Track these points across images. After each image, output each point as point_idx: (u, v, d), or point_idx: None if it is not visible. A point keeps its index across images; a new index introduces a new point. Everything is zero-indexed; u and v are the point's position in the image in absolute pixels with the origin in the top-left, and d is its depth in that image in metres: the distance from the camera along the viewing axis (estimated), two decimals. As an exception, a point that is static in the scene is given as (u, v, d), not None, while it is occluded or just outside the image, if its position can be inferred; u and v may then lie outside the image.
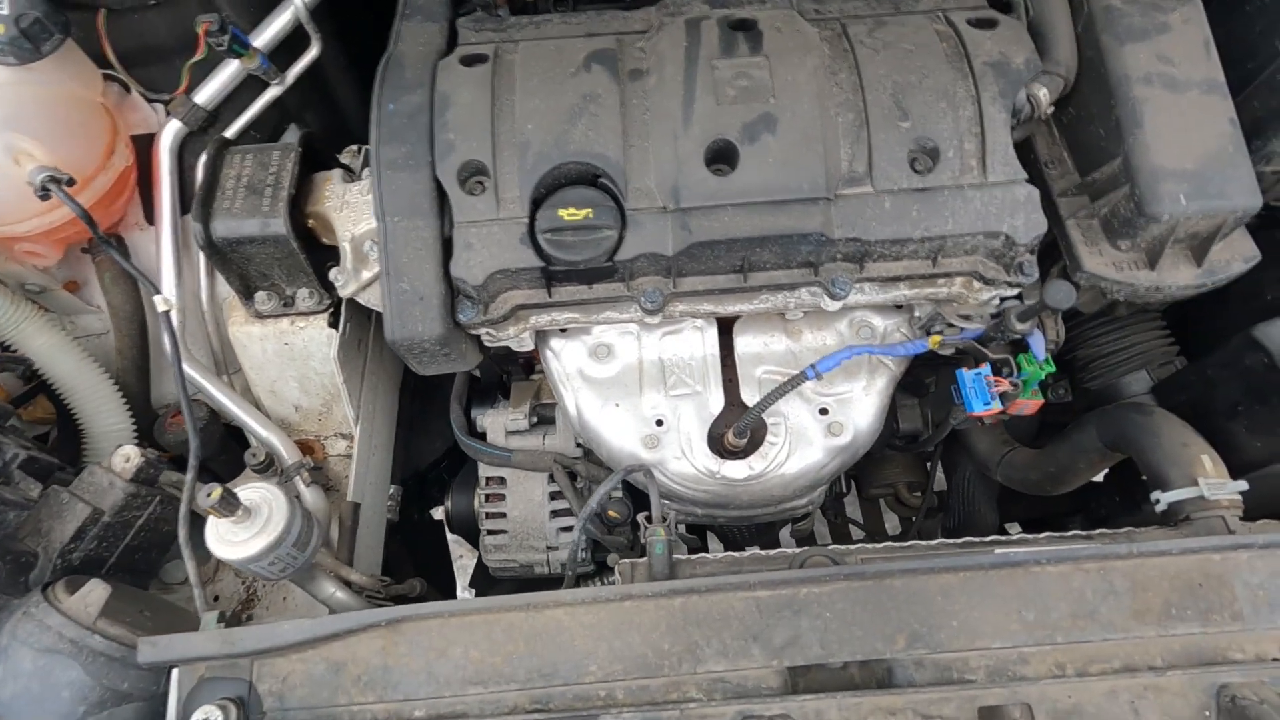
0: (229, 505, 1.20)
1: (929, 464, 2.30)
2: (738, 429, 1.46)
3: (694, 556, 1.26)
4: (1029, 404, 1.47)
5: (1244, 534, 1.16)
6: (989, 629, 1.08)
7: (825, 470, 1.55)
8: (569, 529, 1.83)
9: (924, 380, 1.96)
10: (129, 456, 1.42)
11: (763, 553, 1.27)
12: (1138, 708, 1.03)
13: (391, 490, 2.12)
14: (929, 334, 1.52)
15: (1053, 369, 1.42)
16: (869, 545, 1.26)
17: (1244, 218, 1.25)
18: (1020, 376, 1.44)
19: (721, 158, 1.27)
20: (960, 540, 1.26)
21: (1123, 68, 1.29)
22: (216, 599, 1.75)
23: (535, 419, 1.88)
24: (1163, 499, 1.25)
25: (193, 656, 1.08)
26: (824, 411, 1.55)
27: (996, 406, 1.45)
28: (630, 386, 1.58)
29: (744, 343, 1.59)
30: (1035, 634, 1.07)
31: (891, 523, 2.61)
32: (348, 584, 1.66)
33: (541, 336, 1.59)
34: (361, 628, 1.10)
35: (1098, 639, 1.07)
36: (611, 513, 1.80)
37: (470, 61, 1.36)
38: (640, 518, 1.32)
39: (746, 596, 1.10)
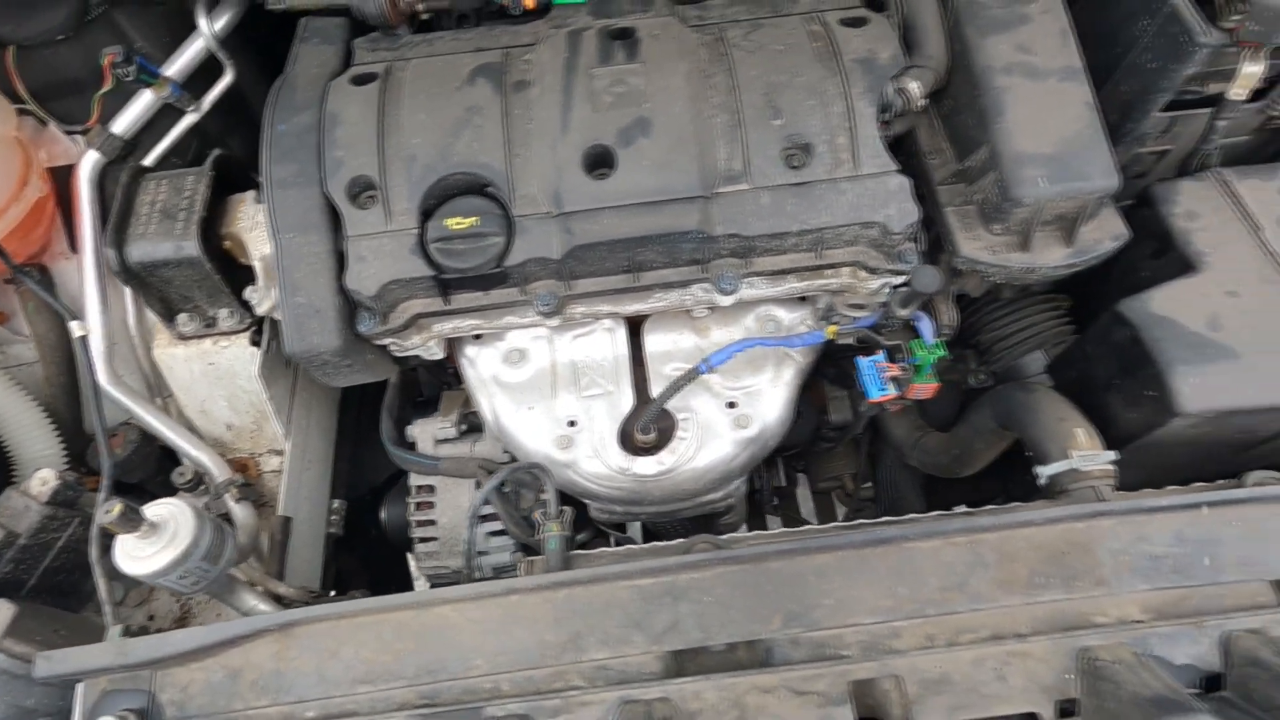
0: (130, 521, 1.23)
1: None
2: (640, 425, 1.49)
3: (590, 551, 1.30)
4: (924, 388, 1.50)
5: (1109, 502, 1.20)
6: (863, 605, 1.11)
7: (735, 462, 1.58)
8: (499, 533, 1.86)
9: (850, 372, 2.01)
10: (45, 479, 1.45)
11: (653, 544, 1.30)
12: (1003, 674, 1.06)
13: (335, 504, 2.15)
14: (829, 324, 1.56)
15: (942, 352, 1.46)
16: (759, 533, 1.29)
17: (1105, 198, 1.29)
18: (913, 361, 1.48)
19: (600, 162, 1.31)
20: (849, 523, 1.30)
21: (985, 59, 1.34)
22: (152, 618, 1.78)
23: (465, 426, 1.91)
24: (1042, 473, 1.29)
25: (87, 669, 1.11)
26: (732, 405, 1.59)
27: (893, 392, 1.49)
28: (543, 389, 1.61)
29: (653, 341, 1.63)
30: (907, 608, 1.11)
31: (843, 514, 2.65)
32: (277, 597, 1.68)
33: (457, 344, 1.64)
34: (254, 633, 1.13)
35: (966, 610, 1.10)
36: (536, 514, 1.85)
37: (361, 80, 1.41)
38: (536, 515, 1.36)
39: (629, 586, 1.13)
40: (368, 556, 2.41)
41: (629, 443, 1.57)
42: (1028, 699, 1.04)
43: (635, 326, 1.65)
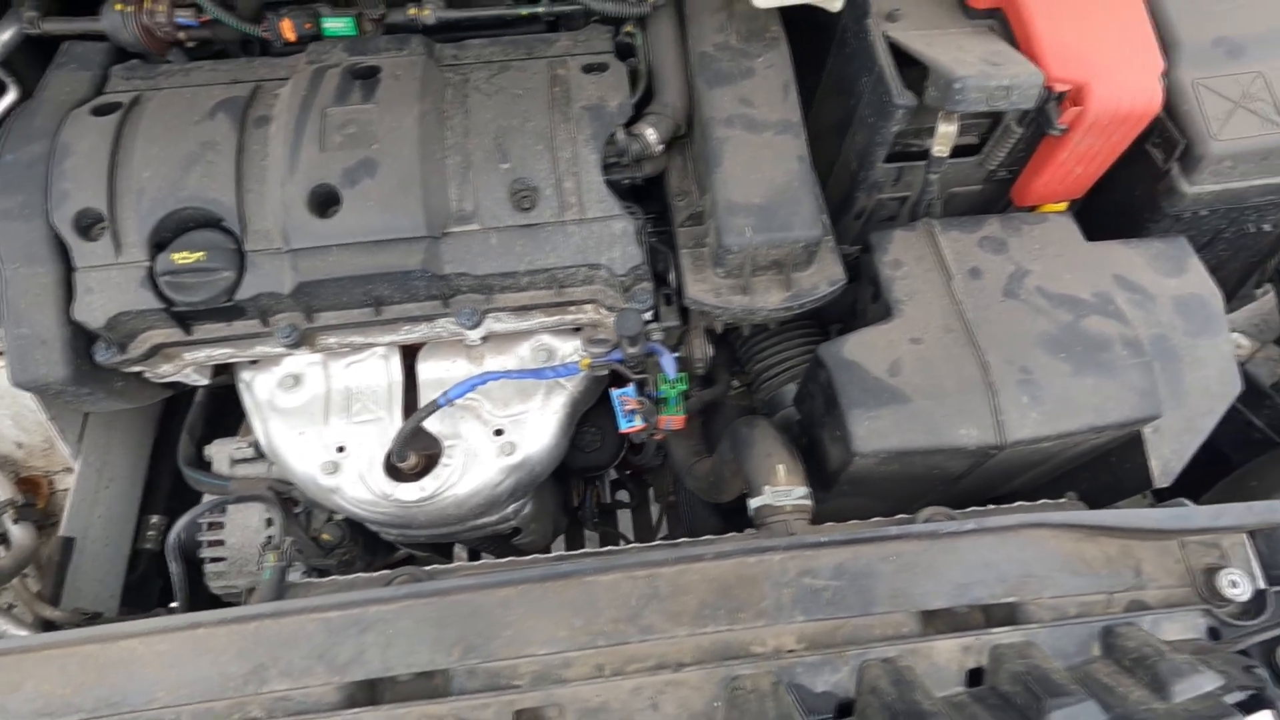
0: None
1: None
2: (394, 453, 1.53)
3: (309, 580, 1.33)
4: (674, 420, 1.58)
5: (785, 536, 1.27)
6: (539, 636, 1.16)
7: (500, 489, 1.63)
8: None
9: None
10: None
11: (368, 574, 1.34)
12: (658, 702, 1.12)
13: (155, 519, 2.14)
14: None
15: (684, 386, 1.53)
16: (461, 564, 1.34)
17: (811, 247, 1.37)
18: (657, 394, 1.54)
19: (327, 201, 1.34)
20: (546, 555, 1.35)
21: (710, 110, 1.41)
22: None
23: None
24: (750, 505, 1.36)
25: None
26: (499, 432, 1.63)
27: (639, 424, 1.56)
28: (316, 415, 1.64)
29: (427, 369, 1.67)
30: (580, 639, 1.16)
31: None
32: (45, 621, 1.68)
33: (235, 368, 1.65)
34: (-66, 667, 1.13)
35: (636, 640, 1.17)
36: (325, 535, 1.88)
37: (102, 110, 1.41)
38: (261, 543, 1.38)
39: (318, 618, 1.17)
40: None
41: (395, 469, 1.61)
42: (676, 726, 1.10)
43: (412, 353, 1.69)
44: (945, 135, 1.36)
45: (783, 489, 1.32)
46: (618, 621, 1.17)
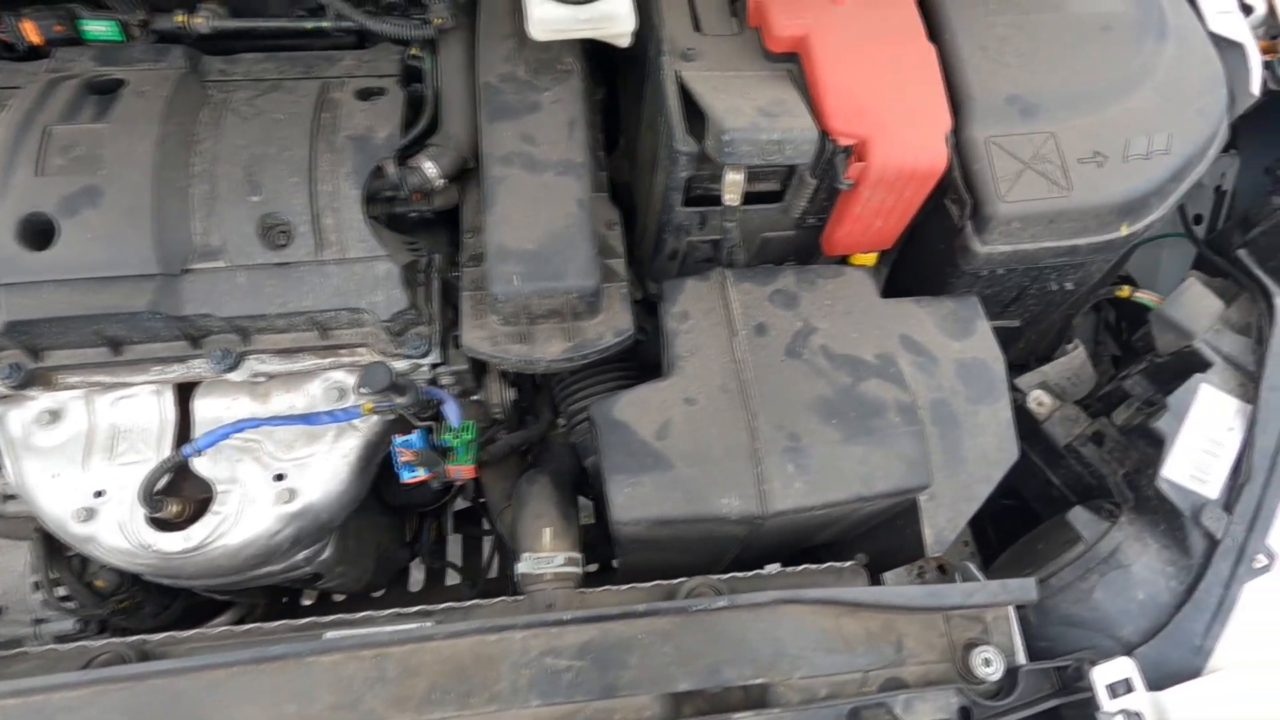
0: None
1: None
2: (142, 500, 1.40)
3: (13, 652, 1.20)
4: (462, 469, 1.48)
5: (529, 613, 1.20)
6: (247, 725, 1.07)
7: (278, 539, 1.51)
8: (65, 599, 1.73)
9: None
10: None
11: (60, 647, 1.21)
12: (365, 798, 1.04)
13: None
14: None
15: (470, 435, 1.43)
16: (172, 635, 1.23)
17: (587, 297, 1.29)
18: (441, 443, 1.45)
19: (41, 232, 1.21)
20: (273, 625, 1.25)
21: (489, 145, 1.32)
22: None
23: (34, 482, 1.76)
24: (516, 570, 1.28)
25: None
26: (280, 477, 1.51)
27: (421, 474, 1.46)
28: (74, 456, 1.49)
29: (204, 407, 1.53)
30: (292, 728, 1.07)
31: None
32: None
33: (-13, 401, 1.49)
34: None
35: (354, 729, 1.08)
36: (100, 581, 1.73)
37: None
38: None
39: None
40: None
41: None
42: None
43: (190, 388, 1.56)
44: (733, 184, 1.30)
45: (545, 556, 1.24)
46: (337, 708, 1.08)
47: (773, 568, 1.35)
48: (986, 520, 1.94)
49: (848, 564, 1.38)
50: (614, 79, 1.79)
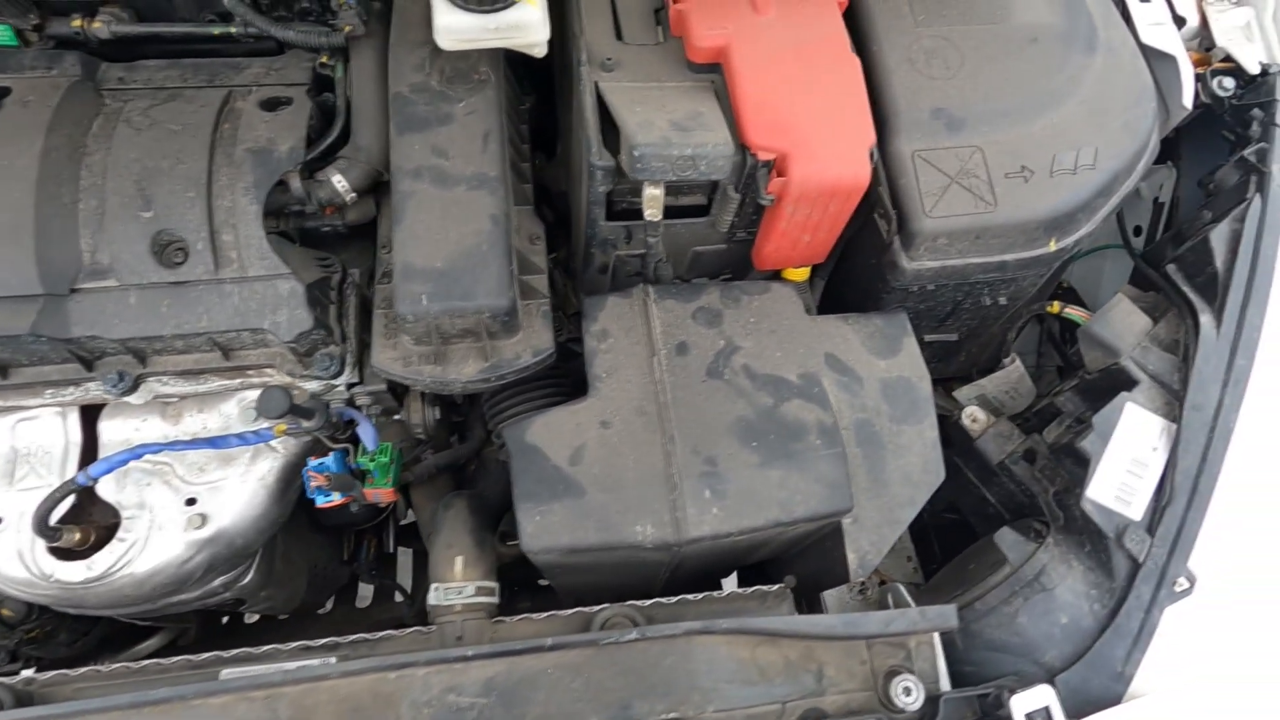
0: None
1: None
2: (36, 529, 1.33)
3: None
4: (381, 493, 1.43)
5: (433, 649, 1.15)
6: (125, 774, 1.01)
7: (189, 566, 1.44)
8: (-25, 630, 1.65)
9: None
10: None
11: None
12: None
13: None
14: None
15: (386, 458, 1.38)
16: (67, 672, 1.16)
17: (499, 316, 1.24)
18: (355, 466, 1.39)
19: (-90, 251, 1.14)
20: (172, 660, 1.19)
21: (398, 158, 1.27)
22: None
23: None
24: (427, 601, 1.24)
25: None
26: (191, 501, 1.45)
27: (336, 499, 1.41)
28: (-32, 481, 1.42)
29: (111, 429, 1.46)
30: (172, 776, 1.02)
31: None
32: None
33: (-125, 423, 1.41)
34: None
35: (238, 775, 1.02)
36: (5, 611, 1.65)
37: None
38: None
39: None
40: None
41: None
42: None
43: (97, 409, 1.49)
44: (653, 199, 1.26)
45: (455, 586, 1.20)
46: (220, 755, 1.03)
47: (695, 596, 1.31)
48: (932, 534, 1.93)
49: (775, 587, 1.34)
50: (550, 85, 1.75)
